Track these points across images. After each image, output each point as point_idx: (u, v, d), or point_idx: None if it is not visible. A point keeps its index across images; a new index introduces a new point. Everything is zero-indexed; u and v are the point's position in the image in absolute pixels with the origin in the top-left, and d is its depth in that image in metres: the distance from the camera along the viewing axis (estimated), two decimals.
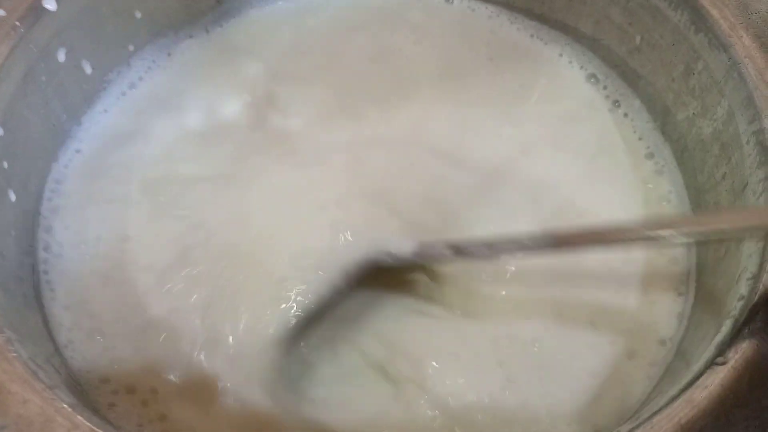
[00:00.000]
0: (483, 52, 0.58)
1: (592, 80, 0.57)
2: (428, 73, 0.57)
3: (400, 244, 0.45)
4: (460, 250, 0.42)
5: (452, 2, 0.61)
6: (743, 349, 0.34)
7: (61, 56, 0.49)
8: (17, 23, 0.45)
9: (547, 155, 0.52)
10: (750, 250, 0.39)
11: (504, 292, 0.47)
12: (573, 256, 0.44)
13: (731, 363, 0.33)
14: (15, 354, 0.32)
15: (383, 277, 0.47)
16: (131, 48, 0.55)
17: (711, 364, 0.34)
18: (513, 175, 0.51)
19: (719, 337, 0.35)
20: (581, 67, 0.58)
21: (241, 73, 0.56)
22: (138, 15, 0.54)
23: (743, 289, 0.37)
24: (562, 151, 0.53)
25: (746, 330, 0.34)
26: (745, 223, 0.34)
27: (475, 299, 0.47)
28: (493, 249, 0.41)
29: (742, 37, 0.45)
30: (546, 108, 0.55)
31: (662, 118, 0.54)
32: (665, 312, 0.46)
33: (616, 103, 0.56)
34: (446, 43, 0.58)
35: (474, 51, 0.58)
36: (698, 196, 0.49)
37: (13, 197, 0.44)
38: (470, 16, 0.60)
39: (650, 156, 0.53)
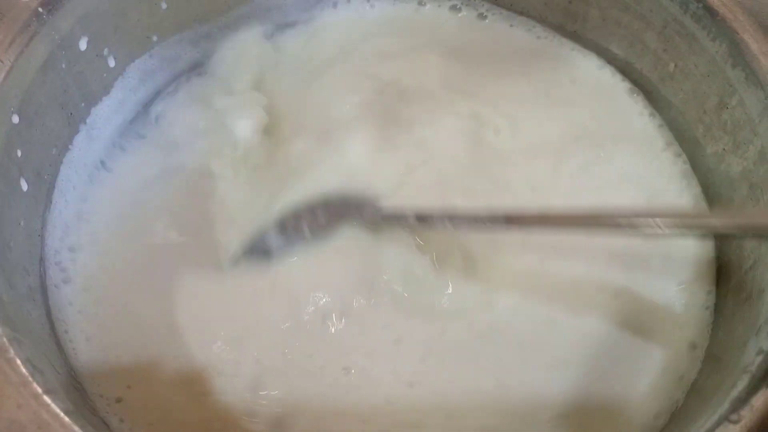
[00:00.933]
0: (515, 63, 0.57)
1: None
2: (465, 87, 0.56)
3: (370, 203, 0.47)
4: (423, 219, 0.45)
5: (486, 18, 0.60)
6: (758, 409, 0.32)
7: (83, 44, 0.48)
8: (40, 9, 0.45)
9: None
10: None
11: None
12: None
13: (744, 421, 0.32)
14: (13, 355, 0.32)
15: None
16: (155, 38, 0.55)
17: (724, 420, 0.33)
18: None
19: (734, 393, 0.34)
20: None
21: (268, 72, 0.56)
22: (164, 5, 0.54)
23: (764, 342, 0.36)
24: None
25: (763, 387, 0.33)
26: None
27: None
28: (454, 221, 0.43)
29: None
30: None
31: (690, 150, 0.52)
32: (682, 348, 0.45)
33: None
34: (480, 60, 0.57)
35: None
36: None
37: (25, 186, 0.44)
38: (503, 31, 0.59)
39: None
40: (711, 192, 0.50)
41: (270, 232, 0.47)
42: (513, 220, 0.41)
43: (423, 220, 0.44)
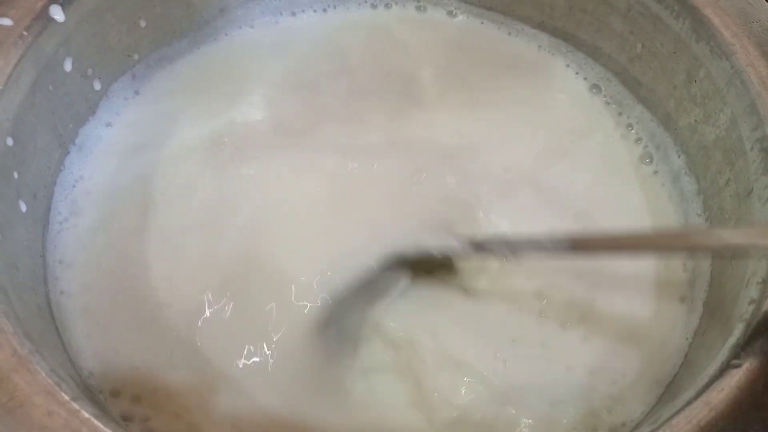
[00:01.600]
0: (487, 64, 0.59)
1: (594, 90, 0.58)
2: (436, 86, 0.57)
3: (425, 239, 0.46)
4: (481, 247, 0.44)
5: (455, 15, 0.62)
6: (757, 352, 0.34)
7: (68, 65, 0.49)
8: (24, 33, 0.45)
9: (556, 164, 0.53)
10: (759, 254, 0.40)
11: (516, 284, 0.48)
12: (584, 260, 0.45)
13: (746, 365, 0.34)
14: (37, 365, 0.32)
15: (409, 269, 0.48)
16: (136, 57, 0.55)
17: (726, 366, 0.35)
18: (524, 181, 0.52)
19: (732, 340, 0.36)
20: (585, 78, 0.59)
21: (249, 81, 0.56)
22: (143, 24, 0.54)
23: (754, 292, 0.38)
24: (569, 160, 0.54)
25: (760, 332, 0.35)
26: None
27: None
28: (512, 248, 0.43)
29: (744, 45, 0.46)
30: (552, 118, 0.56)
31: (664, 124, 0.54)
32: (669, 319, 0.47)
33: (620, 113, 0.57)
34: (450, 57, 0.59)
35: (478, 63, 0.59)
36: (703, 201, 0.50)
37: (24, 207, 0.44)
38: (473, 29, 0.61)
39: (652, 161, 0.54)
40: (687, 162, 0.52)
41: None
42: (578, 245, 0.40)
43: (480, 248, 0.44)
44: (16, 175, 0.44)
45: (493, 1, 0.61)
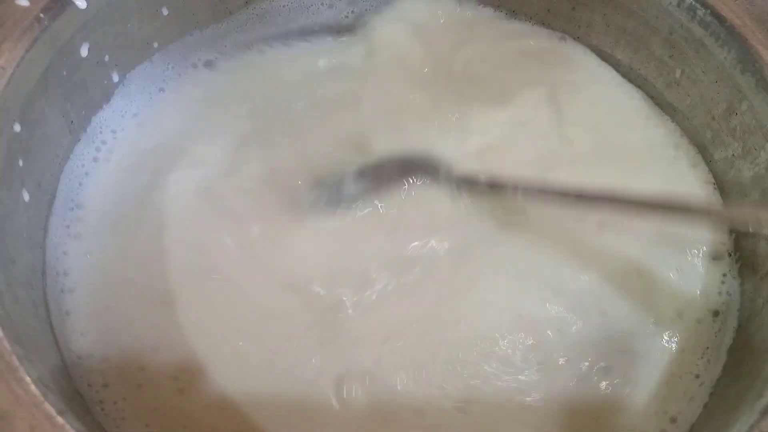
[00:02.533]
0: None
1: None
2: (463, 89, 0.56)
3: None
4: (495, 185, 0.47)
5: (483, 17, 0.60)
6: None
7: (84, 51, 0.47)
8: (41, 15, 0.43)
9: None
10: None
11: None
12: None
13: None
14: (24, 375, 0.31)
15: None
16: (155, 45, 0.53)
17: (753, 429, 0.32)
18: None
19: (764, 402, 0.34)
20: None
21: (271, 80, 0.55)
22: (165, 12, 0.53)
23: None
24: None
25: None
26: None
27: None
28: (525, 191, 0.46)
29: None
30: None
31: (698, 155, 0.52)
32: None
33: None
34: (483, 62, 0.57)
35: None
36: (734, 241, 0.48)
37: (26, 197, 0.42)
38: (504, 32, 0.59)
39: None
40: (720, 197, 0.50)
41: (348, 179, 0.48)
42: (582, 197, 0.43)
43: (495, 186, 0.47)
44: (21, 162, 0.42)
45: (528, 11, 0.59)
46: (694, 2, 0.49)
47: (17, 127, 0.42)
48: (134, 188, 0.49)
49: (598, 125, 0.54)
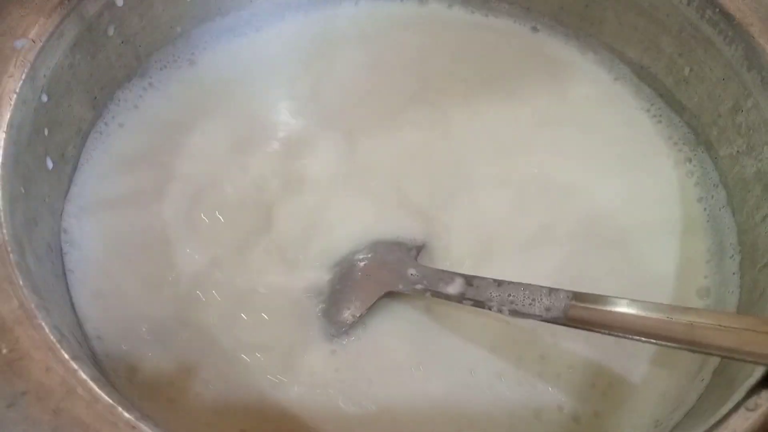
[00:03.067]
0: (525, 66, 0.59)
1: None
2: (475, 87, 0.57)
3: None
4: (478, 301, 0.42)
5: (493, 17, 0.61)
6: None
7: (111, 30, 0.49)
8: None
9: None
10: None
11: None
12: None
13: (762, 409, 0.32)
14: (42, 320, 0.32)
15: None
16: (178, 30, 0.55)
17: (739, 407, 0.33)
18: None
19: (751, 381, 0.34)
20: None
21: (286, 67, 0.56)
22: None
23: None
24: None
25: None
26: None
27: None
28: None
29: None
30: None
31: (704, 152, 0.53)
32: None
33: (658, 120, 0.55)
34: (491, 60, 0.58)
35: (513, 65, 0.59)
36: (737, 236, 0.48)
37: (50, 165, 0.44)
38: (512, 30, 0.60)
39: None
40: (728, 195, 0.51)
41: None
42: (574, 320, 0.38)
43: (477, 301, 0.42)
44: (46, 131, 0.44)
45: (541, 9, 0.60)
46: (703, 1, 0.50)
47: (44, 98, 0.43)
48: (153, 163, 0.51)
49: (603, 124, 0.55)
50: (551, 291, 0.40)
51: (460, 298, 0.42)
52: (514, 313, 0.40)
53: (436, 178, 0.51)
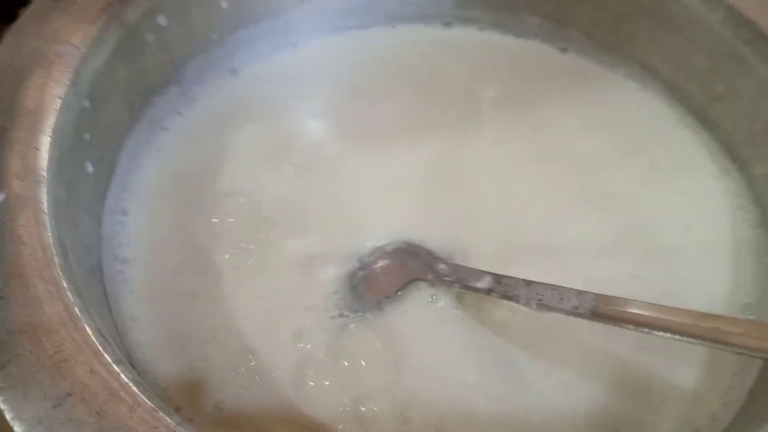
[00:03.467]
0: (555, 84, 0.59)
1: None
2: (502, 106, 0.57)
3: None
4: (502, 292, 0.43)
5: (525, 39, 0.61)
6: None
7: (150, 37, 0.50)
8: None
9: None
10: None
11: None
12: None
13: None
14: (85, 324, 0.33)
15: None
16: (214, 37, 0.56)
17: None
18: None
19: None
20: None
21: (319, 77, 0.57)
22: (224, 5, 0.55)
23: None
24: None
25: None
26: None
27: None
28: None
29: None
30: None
31: (738, 170, 0.53)
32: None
33: None
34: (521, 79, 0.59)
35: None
36: None
37: (90, 169, 0.45)
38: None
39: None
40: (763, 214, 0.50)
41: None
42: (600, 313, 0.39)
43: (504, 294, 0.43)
44: (87, 136, 0.45)
45: (573, 25, 0.60)
46: (737, 20, 0.50)
47: (86, 103, 0.44)
48: (188, 170, 0.51)
49: (638, 141, 0.55)
50: (579, 293, 0.40)
51: (488, 292, 0.43)
52: (542, 306, 0.41)
53: (467, 192, 0.52)
